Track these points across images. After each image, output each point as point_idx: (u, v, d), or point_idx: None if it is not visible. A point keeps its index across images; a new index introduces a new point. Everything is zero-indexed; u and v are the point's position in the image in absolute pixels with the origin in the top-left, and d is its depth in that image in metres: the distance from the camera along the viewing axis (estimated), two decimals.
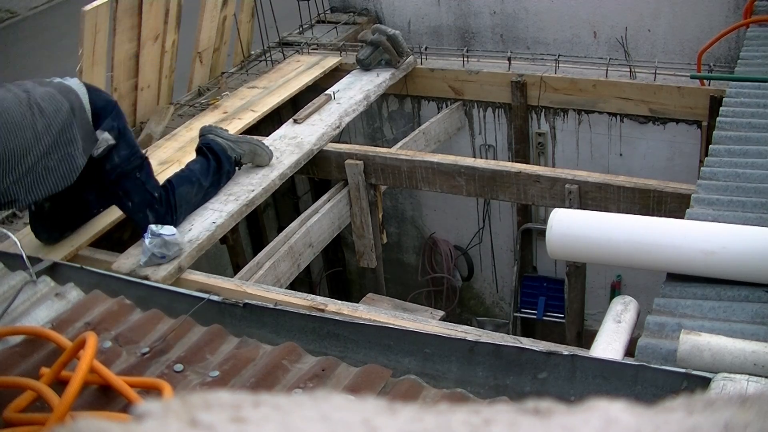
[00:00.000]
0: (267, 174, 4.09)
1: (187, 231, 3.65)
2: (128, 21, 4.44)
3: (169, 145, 4.55)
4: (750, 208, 2.77)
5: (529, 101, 5.18)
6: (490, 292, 6.37)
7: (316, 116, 4.70)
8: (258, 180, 4.04)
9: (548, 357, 1.97)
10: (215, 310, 2.33)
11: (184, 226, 3.69)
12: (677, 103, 4.71)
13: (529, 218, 5.69)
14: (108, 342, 2.14)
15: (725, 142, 3.23)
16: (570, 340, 4.68)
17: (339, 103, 4.83)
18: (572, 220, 2.71)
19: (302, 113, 4.69)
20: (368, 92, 4.95)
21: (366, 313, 3.07)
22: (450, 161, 4.37)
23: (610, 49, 5.52)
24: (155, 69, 4.82)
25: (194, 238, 3.61)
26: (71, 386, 1.75)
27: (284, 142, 4.42)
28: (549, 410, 0.47)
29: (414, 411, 0.47)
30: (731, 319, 2.27)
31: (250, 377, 1.96)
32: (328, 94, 4.89)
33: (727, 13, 5.12)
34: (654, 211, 3.79)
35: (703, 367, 1.97)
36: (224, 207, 3.83)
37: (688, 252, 2.46)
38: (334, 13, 6.44)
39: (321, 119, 4.67)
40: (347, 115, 4.74)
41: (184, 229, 3.65)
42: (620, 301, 2.58)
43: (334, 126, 4.61)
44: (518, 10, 5.85)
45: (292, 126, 4.61)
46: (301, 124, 4.61)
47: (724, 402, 0.48)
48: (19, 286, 2.42)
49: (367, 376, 1.93)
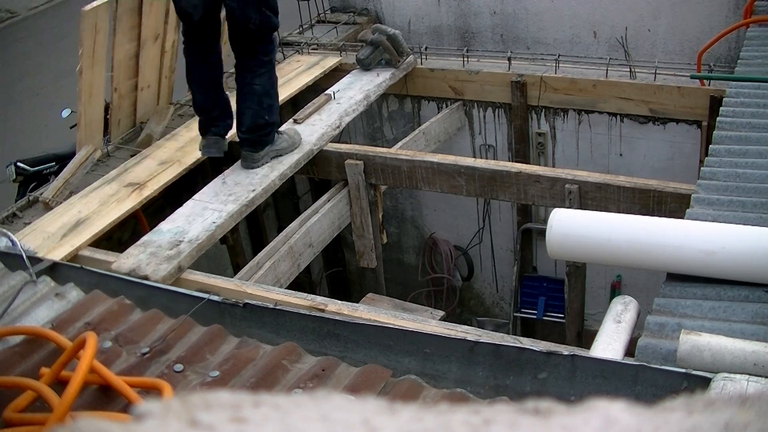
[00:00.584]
0: (267, 174, 4.08)
1: (187, 231, 3.64)
2: (129, 21, 4.44)
3: (169, 145, 4.55)
4: (750, 208, 2.77)
5: (529, 101, 5.17)
6: (490, 292, 6.37)
7: (316, 116, 4.70)
8: (258, 180, 4.04)
9: (548, 357, 1.97)
10: (215, 310, 2.33)
11: (183, 226, 3.68)
12: (677, 103, 4.71)
13: (529, 218, 5.69)
14: (108, 342, 2.14)
15: (725, 142, 3.23)
16: (570, 340, 4.68)
17: (339, 103, 4.83)
18: (572, 220, 2.71)
19: (302, 113, 4.69)
20: (368, 92, 4.96)
21: (366, 313, 3.07)
22: (450, 161, 4.37)
23: (610, 49, 5.52)
24: (155, 69, 4.82)
25: (194, 238, 3.60)
26: (71, 386, 1.75)
27: None
28: (549, 410, 0.47)
29: (414, 411, 0.47)
30: (731, 319, 2.27)
31: (250, 377, 1.95)
32: (328, 94, 4.89)
33: (727, 13, 5.12)
34: (654, 211, 3.79)
35: (703, 367, 1.97)
36: (224, 207, 3.82)
37: (688, 252, 2.46)
38: (334, 13, 6.44)
39: (321, 119, 4.67)
40: (347, 115, 4.74)
41: (183, 229, 3.64)
42: (620, 301, 2.58)
43: (334, 126, 4.61)
44: (518, 10, 5.85)
45: (292, 126, 4.60)
46: (301, 124, 4.61)
47: (724, 402, 0.48)
48: (19, 286, 2.42)
49: (367, 376, 1.93)
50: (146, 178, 4.17)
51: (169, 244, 3.55)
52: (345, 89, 4.99)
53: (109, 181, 4.15)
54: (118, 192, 4.05)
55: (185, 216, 3.78)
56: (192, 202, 3.90)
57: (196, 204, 3.88)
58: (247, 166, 4.09)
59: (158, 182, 4.12)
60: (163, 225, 3.70)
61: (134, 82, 4.69)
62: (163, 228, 3.68)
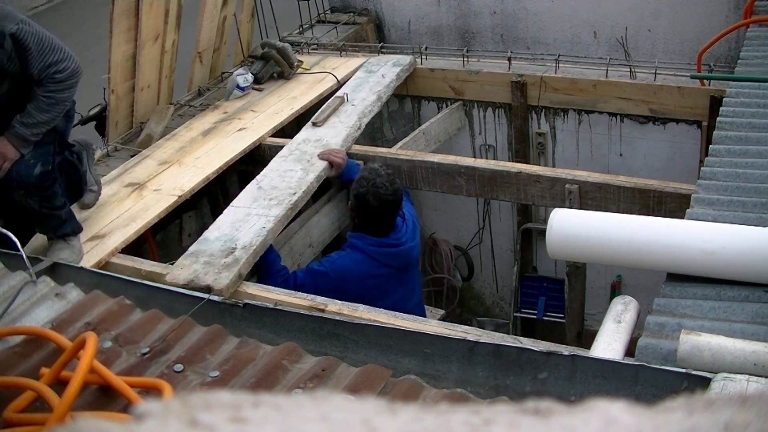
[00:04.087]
0: (303, 177, 4.05)
1: (237, 238, 3.54)
2: (125, 23, 4.44)
3: (169, 145, 4.55)
4: (750, 208, 2.77)
5: (529, 101, 5.17)
6: (490, 292, 6.37)
7: (334, 118, 4.67)
8: (296, 183, 4.00)
9: (548, 357, 1.97)
10: (215, 310, 2.33)
11: (231, 233, 3.59)
12: (677, 103, 4.70)
13: (529, 218, 5.69)
14: (108, 342, 2.14)
15: (725, 142, 3.23)
16: (570, 340, 4.68)
17: (354, 105, 4.81)
18: (572, 220, 2.71)
19: (320, 116, 4.65)
20: (379, 93, 4.93)
21: (366, 313, 3.07)
22: (450, 161, 4.37)
23: (610, 49, 5.52)
24: (155, 69, 4.82)
25: (247, 244, 3.48)
26: (71, 386, 1.75)
27: (311, 146, 4.38)
28: (549, 410, 0.47)
29: (414, 411, 0.47)
30: (731, 319, 2.27)
31: (250, 377, 1.95)
32: (341, 96, 4.86)
33: (727, 13, 5.12)
34: (654, 211, 3.79)
35: (703, 367, 1.97)
36: (269, 212, 3.74)
37: (688, 252, 2.46)
38: (334, 13, 6.44)
39: (340, 121, 4.64)
40: (365, 116, 4.72)
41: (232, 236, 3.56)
42: (620, 301, 2.58)
43: (355, 127, 4.59)
44: (518, 10, 5.85)
45: (312, 129, 4.56)
46: (321, 127, 4.57)
47: (724, 402, 0.48)
48: (19, 286, 2.42)
49: (367, 376, 1.93)
50: (146, 178, 4.16)
51: (222, 252, 3.43)
52: (354, 91, 4.96)
53: (109, 182, 4.15)
54: (118, 192, 4.05)
55: (229, 223, 3.67)
56: (231, 209, 3.81)
57: (237, 210, 3.78)
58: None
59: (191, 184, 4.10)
60: (209, 233, 3.61)
61: (131, 84, 4.69)
62: (209, 236, 3.57)
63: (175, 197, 3.97)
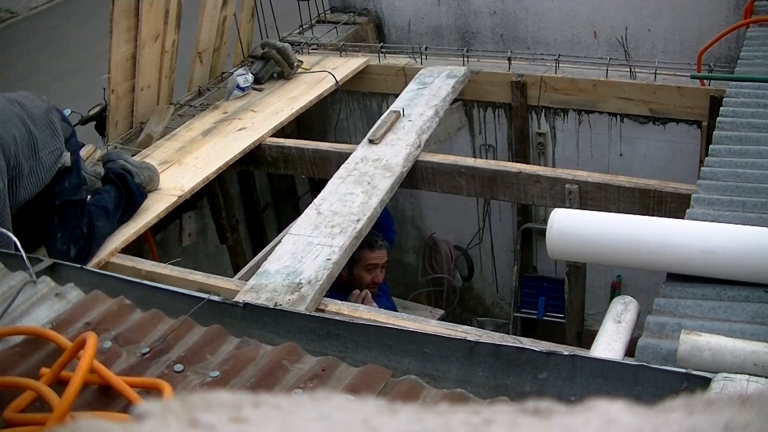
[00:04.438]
0: (366, 202, 3.82)
1: (300, 271, 3.29)
2: (125, 23, 4.45)
3: (169, 145, 4.56)
4: (750, 208, 2.77)
5: (529, 101, 5.18)
6: (490, 292, 6.37)
7: (391, 135, 4.47)
8: (358, 208, 3.75)
9: (548, 357, 1.97)
10: (215, 310, 2.33)
11: (294, 265, 3.34)
12: (677, 103, 4.71)
13: (529, 218, 5.69)
14: (108, 342, 2.14)
15: (725, 142, 3.23)
16: (570, 340, 4.68)
17: (411, 120, 4.61)
18: (572, 220, 2.71)
19: (377, 133, 4.45)
20: (437, 107, 4.76)
21: (366, 313, 3.07)
22: (450, 161, 4.37)
23: (610, 49, 5.52)
24: (155, 69, 4.82)
25: (313, 278, 3.22)
26: (71, 386, 1.75)
27: (370, 165, 4.17)
28: (549, 410, 0.47)
29: (414, 411, 0.47)
30: (731, 319, 2.27)
31: (250, 377, 1.95)
32: (397, 111, 4.67)
33: (727, 13, 5.12)
34: (654, 211, 3.79)
35: (703, 367, 1.97)
36: (332, 241, 3.48)
37: (688, 252, 2.46)
38: (334, 13, 6.44)
39: (399, 138, 4.42)
40: (424, 133, 4.49)
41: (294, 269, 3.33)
42: (620, 301, 2.58)
43: (414, 145, 4.37)
44: (518, 10, 5.85)
45: (369, 147, 4.36)
46: (378, 145, 4.37)
47: (724, 402, 0.48)
48: (19, 286, 2.42)
49: (367, 376, 1.93)
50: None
51: (286, 288, 3.18)
52: (409, 105, 4.78)
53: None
54: None
55: (290, 253, 3.42)
56: (291, 237, 3.58)
57: (297, 239, 3.54)
58: None
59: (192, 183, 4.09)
60: (269, 265, 3.37)
61: (131, 84, 4.69)
62: (269, 269, 3.33)
63: (175, 197, 3.97)
